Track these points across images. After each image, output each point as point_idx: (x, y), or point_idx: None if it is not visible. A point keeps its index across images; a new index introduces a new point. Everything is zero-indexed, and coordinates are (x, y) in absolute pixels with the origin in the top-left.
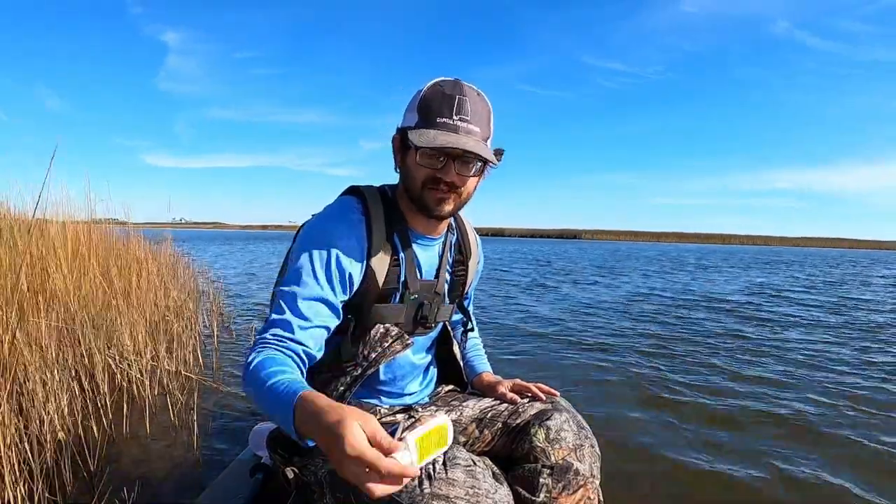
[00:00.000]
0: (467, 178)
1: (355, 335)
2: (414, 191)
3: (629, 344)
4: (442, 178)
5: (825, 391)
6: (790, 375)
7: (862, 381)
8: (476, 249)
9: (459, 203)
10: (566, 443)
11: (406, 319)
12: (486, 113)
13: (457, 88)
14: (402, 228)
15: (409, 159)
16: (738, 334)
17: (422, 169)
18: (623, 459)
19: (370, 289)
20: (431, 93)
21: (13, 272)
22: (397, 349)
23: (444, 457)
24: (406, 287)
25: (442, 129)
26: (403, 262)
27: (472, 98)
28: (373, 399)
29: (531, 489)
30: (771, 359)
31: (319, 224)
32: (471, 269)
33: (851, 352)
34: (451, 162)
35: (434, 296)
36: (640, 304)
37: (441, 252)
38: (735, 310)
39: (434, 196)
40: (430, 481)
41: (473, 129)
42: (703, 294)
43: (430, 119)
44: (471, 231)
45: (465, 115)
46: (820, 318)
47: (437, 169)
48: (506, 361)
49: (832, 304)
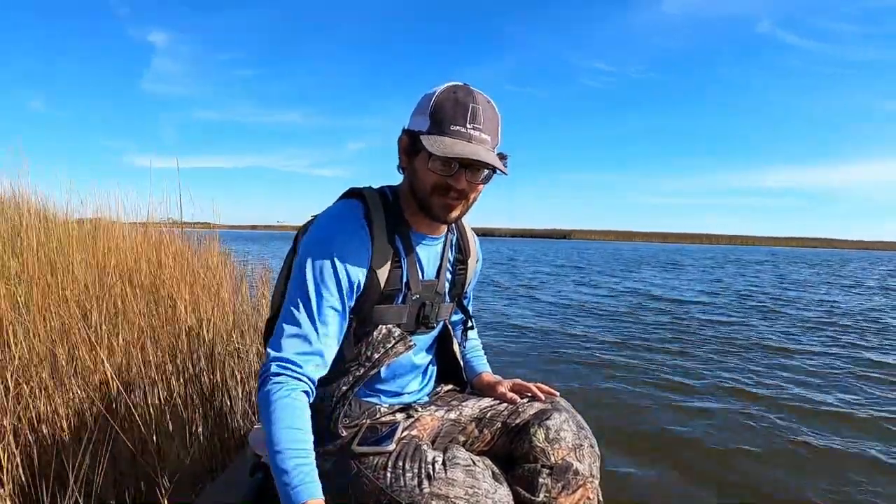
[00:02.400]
0: (476, 185)
1: (358, 336)
2: (422, 195)
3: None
4: (453, 186)
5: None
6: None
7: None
8: (475, 248)
9: (465, 209)
10: (565, 443)
11: (408, 320)
12: (496, 122)
13: (469, 96)
14: (403, 230)
15: (418, 163)
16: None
17: (433, 175)
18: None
19: (372, 291)
20: (444, 98)
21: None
22: (400, 350)
23: (443, 456)
24: (408, 288)
25: (456, 136)
26: (405, 264)
27: (483, 106)
28: (373, 398)
29: (531, 489)
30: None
31: (322, 232)
32: (470, 267)
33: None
34: (463, 170)
35: (435, 295)
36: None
37: (442, 251)
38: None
39: (443, 202)
40: (430, 481)
41: (485, 138)
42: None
43: (443, 126)
44: (469, 230)
45: (478, 123)
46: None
47: (449, 176)
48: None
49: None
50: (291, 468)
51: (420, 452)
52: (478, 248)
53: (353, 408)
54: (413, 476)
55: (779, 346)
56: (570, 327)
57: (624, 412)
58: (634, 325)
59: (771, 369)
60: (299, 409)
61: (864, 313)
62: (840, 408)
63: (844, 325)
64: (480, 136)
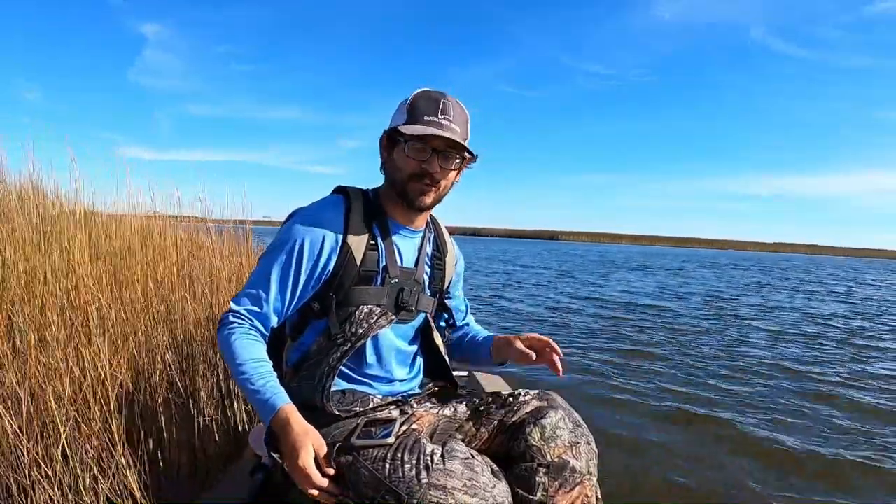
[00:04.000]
0: (448, 172)
1: (341, 317)
2: (400, 183)
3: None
4: (427, 170)
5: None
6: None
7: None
8: (451, 248)
9: (438, 196)
10: (562, 441)
11: (387, 302)
12: (464, 117)
13: (441, 95)
14: (381, 218)
15: (397, 153)
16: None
17: (410, 161)
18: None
19: (350, 268)
20: (418, 97)
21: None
22: (383, 324)
23: (442, 449)
24: (386, 272)
25: (429, 124)
26: (383, 248)
27: (453, 104)
28: (364, 387)
29: (528, 488)
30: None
31: (299, 216)
32: (448, 263)
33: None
34: (436, 155)
35: (414, 283)
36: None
37: (420, 244)
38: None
39: (419, 187)
40: (428, 472)
41: (455, 128)
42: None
43: (417, 116)
44: (445, 232)
45: (448, 115)
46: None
47: (424, 160)
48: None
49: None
50: (261, 386)
51: (419, 445)
52: (455, 248)
53: (347, 396)
54: (411, 467)
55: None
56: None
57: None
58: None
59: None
60: (258, 345)
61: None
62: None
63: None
64: (451, 126)
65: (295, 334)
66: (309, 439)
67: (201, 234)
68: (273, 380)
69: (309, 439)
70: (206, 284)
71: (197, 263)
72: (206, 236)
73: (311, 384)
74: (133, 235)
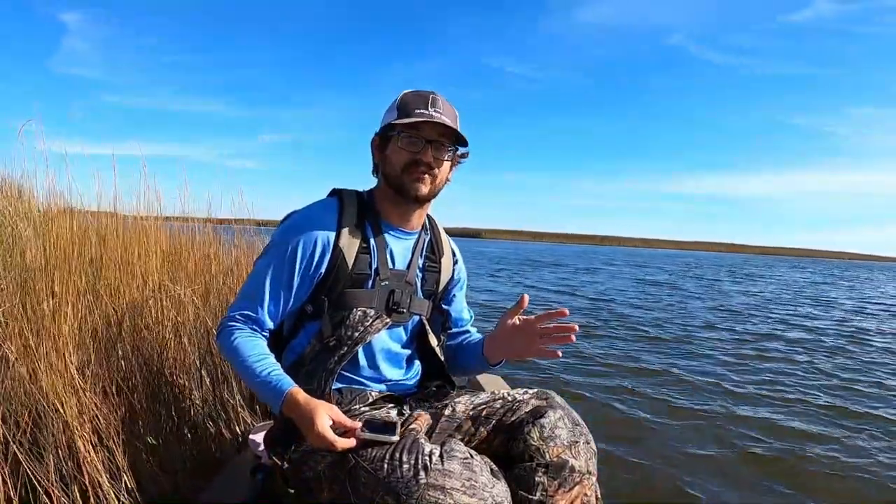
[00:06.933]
0: (442, 161)
1: (335, 321)
2: (395, 177)
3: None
4: (420, 160)
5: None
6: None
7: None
8: (448, 249)
9: (434, 187)
10: (560, 440)
11: (378, 304)
12: (454, 114)
13: (430, 91)
14: (374, 219)
15: (390, 150)
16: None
17: (403, 153)
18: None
19: (341, 272)
20: (407, 94)
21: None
22: (378, 327)
23: (440, 449)
24: (377, 274)
25: (420, 116)
26: (374, 250)
27: (442, 100)
28: (359, 386)
29: (527, 488)
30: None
31: (291, 220)
32: (443, 265)
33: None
34: (429, 145)
35: (406, 285)
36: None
37: (414, 247)
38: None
39: (414, 177)
40: (427, 472)
41: (446, 119)
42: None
43: (408, 111)
44: (444, 233)
45: (437, 108)
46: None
47: (417, 151)
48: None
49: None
50: (266, 376)
51: (418, 445)
52: (456, 251)
53: (345, 395)
54: (410, 468)
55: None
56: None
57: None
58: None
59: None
60: (259, 341)
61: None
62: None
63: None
64: (441, 117)
65: (289, 337)
66: (321, 407)
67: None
68: (277, 368)
69: (321, 407)
70: (205, 283)
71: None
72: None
73: (311, 388)
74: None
